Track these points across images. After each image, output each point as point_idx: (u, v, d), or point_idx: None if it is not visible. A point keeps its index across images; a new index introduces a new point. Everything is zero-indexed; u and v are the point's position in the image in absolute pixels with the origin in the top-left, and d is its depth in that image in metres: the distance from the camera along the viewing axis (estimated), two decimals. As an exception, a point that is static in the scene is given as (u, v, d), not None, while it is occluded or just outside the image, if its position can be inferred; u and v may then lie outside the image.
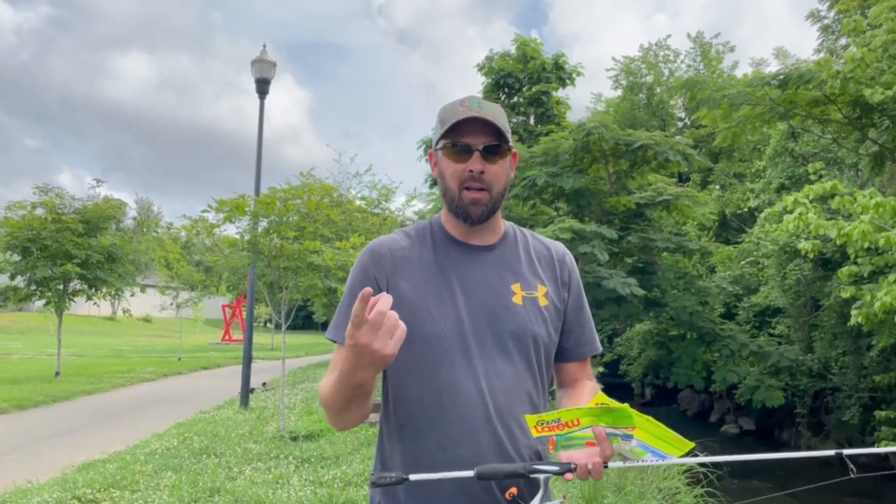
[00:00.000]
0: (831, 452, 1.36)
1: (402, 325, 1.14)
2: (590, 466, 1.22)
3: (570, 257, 1.63)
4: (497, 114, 1.46)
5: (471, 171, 1.43)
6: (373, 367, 1.18)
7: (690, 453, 1.24)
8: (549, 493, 1.27)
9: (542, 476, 1.25)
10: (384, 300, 1.13)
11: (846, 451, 1.31)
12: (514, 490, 1.31)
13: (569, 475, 1.23)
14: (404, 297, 1.42)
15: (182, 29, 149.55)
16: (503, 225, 1.58)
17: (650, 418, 1.20)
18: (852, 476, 1.28)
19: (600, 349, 1.64)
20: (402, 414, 1.44)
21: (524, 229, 1.64)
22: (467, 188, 1.45)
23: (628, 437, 1.23)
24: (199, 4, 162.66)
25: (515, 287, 1.49)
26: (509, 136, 1.47)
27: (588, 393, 1.55)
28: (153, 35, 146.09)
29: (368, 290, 1.11)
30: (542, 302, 1.51)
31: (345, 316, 1.43)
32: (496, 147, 1.45)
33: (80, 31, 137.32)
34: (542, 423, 1.24)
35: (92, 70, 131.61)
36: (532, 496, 1.30)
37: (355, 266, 1.52)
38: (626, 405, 1.18)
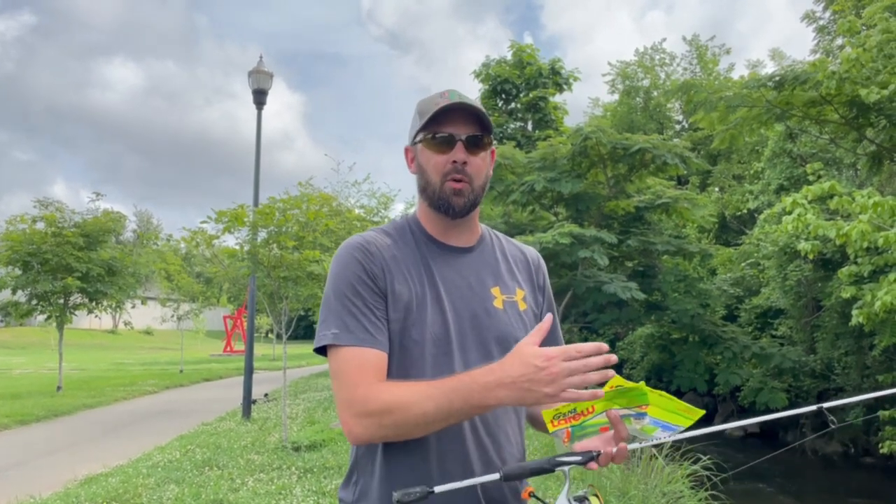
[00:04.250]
0: (813, 408, 1.45)
1: (579, 386, 1.12)
2: (614, 451, 1.21)
3: (543, 262, 1.61)
4: (478, 105, 1.41)
5: (454, 161, 1.38)
6: (525, 399, 1.15)
7: (700, 422, 1.26)
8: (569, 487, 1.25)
9: (566, 469, 1.22)
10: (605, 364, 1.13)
11: (826, 405, 1.39)
12: (530, 488, 1.28)
13: (592, 464, 1.20)
14: (399, 297, 1.36)
15: (167, 34, 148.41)
16: (480, 227, 1.54)
17: (662, 392, 1.20)
18: (833, 427, 1.37)
19: None
20: None
21: (498, 233, 1.61)
22: (449, 180, 1.39)
23: (641, 416, 1.22)
24: (183, 8, 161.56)
25: (495, 291, 1.45)
26: (492, 127, 1.43)
27: None
28: (137, 41, 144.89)
29: (605, 346, 1.12)
30: (522, 306, 1.47)
31: (353, 317, 1.32)
32: (479, 138, 1.40)
33: (62, 39, 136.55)
34: (559, 416, 1.22)
35: (78, 79, 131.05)
36: (514, 496, 1.28)
37: (346, 262, 1.38)
38: (641, 384, 1.17)
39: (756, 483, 11.08)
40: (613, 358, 1.13)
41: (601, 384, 1.17)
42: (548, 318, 1.23)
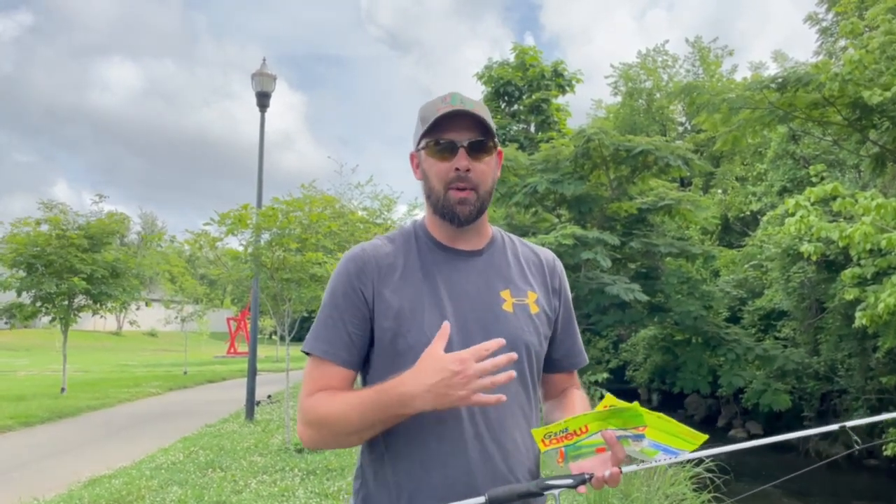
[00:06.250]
0: (835, 427, 1.43)
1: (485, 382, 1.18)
2: (607, 475, 1.17)
3: (560, 265, 1.57)
4: (480, 109, 1.38)
5: (457, 169, 1.36)
6: (439, 405, 1.20)
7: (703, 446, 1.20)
8: None
9: (556, 492, 1.18)
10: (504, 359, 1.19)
11: (849, 424, 1.39)
12: None
13: (582, 488, 1.16)
14: (390, 305, 1.35)
15: (165, 33, 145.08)
16: (490, 229, 1.50)
17: (661, 415, 1.16)
18: (857, 447, 1.36)
19: (587, 360, 1.60)
20: (385, 433, 1.32)
21: (511, 235, 1.58)
22: (453, 188, 1.38)
23: (639, 438, 1.18)
24: (181, 7, 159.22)
25: (505, 294, 1.42)
26: (495, 131, 1.40)
27: (579, 401, 1.49)
28: (135, 40, 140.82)
29: (502, 342, 1.20)
30: (533, 309, 1.44)
31: (326, 329, 1.37)
32: (482, 143, 1.37)
33: (60, 39, 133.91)
34: (550, 436, 1.19)
35: (76, 79, 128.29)
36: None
37: (338, 274, 1.42)
38: (635, 404, 1.14)
39: (759, 485, 11.04)
40: (514, 356, 1.19)
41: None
42: (444, 325, 1.25)
